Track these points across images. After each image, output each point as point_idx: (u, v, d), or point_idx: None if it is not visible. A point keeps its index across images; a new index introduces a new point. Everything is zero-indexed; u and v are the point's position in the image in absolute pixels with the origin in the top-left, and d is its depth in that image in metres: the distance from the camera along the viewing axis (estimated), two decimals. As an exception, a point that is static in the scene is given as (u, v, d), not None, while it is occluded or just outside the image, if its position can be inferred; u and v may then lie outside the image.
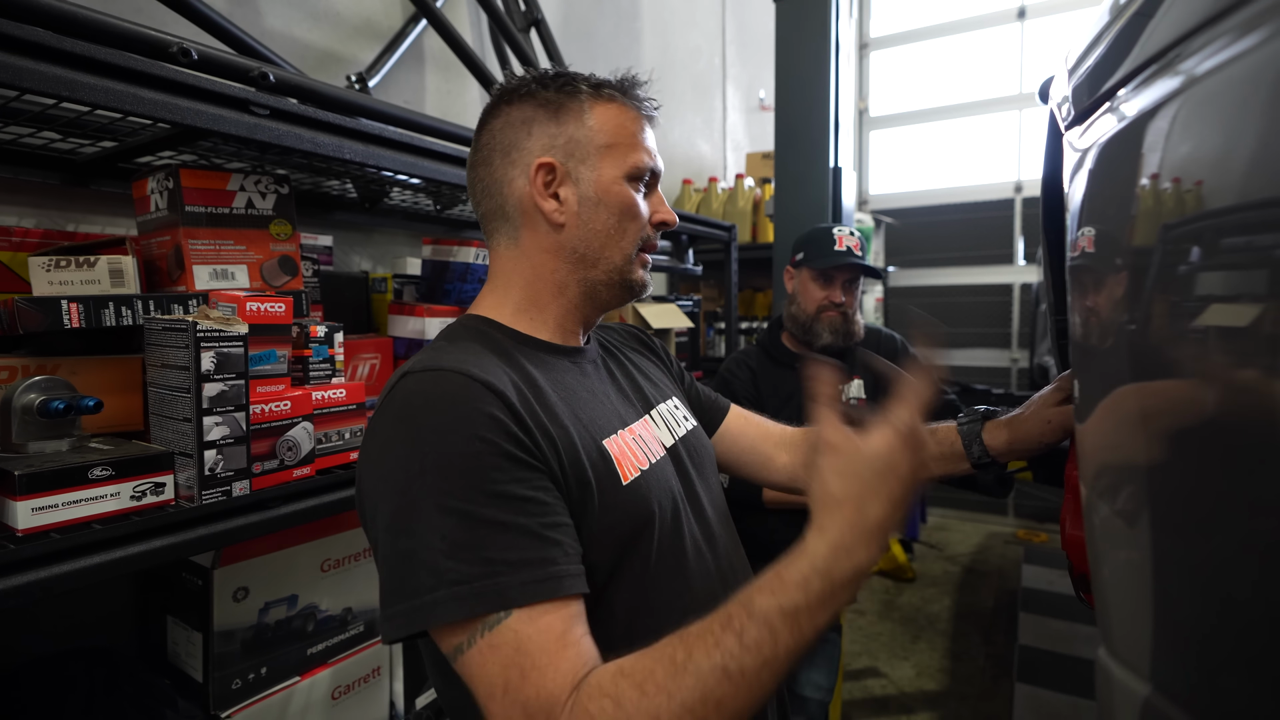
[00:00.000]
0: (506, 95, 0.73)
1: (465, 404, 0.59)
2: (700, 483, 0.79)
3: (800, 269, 1.68)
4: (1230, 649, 0.34)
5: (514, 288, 0.74)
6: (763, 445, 0.97)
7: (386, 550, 0.58)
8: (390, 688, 1.21)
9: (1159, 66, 0.44)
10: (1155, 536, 0.39)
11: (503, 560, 0.55)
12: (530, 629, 0.54)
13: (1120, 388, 0.43)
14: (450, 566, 0.54)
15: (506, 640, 0.54)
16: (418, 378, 0.62)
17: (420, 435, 0.58)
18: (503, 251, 0.75)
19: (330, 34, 1.63)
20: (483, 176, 0.74)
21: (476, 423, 0.58)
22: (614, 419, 0.73)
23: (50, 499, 0.74)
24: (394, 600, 0.57)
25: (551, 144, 0.71)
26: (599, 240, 0.72)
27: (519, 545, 0.56)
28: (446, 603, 0.54)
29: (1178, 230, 0.40)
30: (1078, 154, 0.57)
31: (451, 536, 0.55)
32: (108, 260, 0.90)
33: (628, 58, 2.82)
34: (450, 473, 0.56)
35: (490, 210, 0.74)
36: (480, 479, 0.57)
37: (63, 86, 0.72)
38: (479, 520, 0.56)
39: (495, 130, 0.73)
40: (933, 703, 2.46)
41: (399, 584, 0.57)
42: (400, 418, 0.60)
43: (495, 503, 0.56)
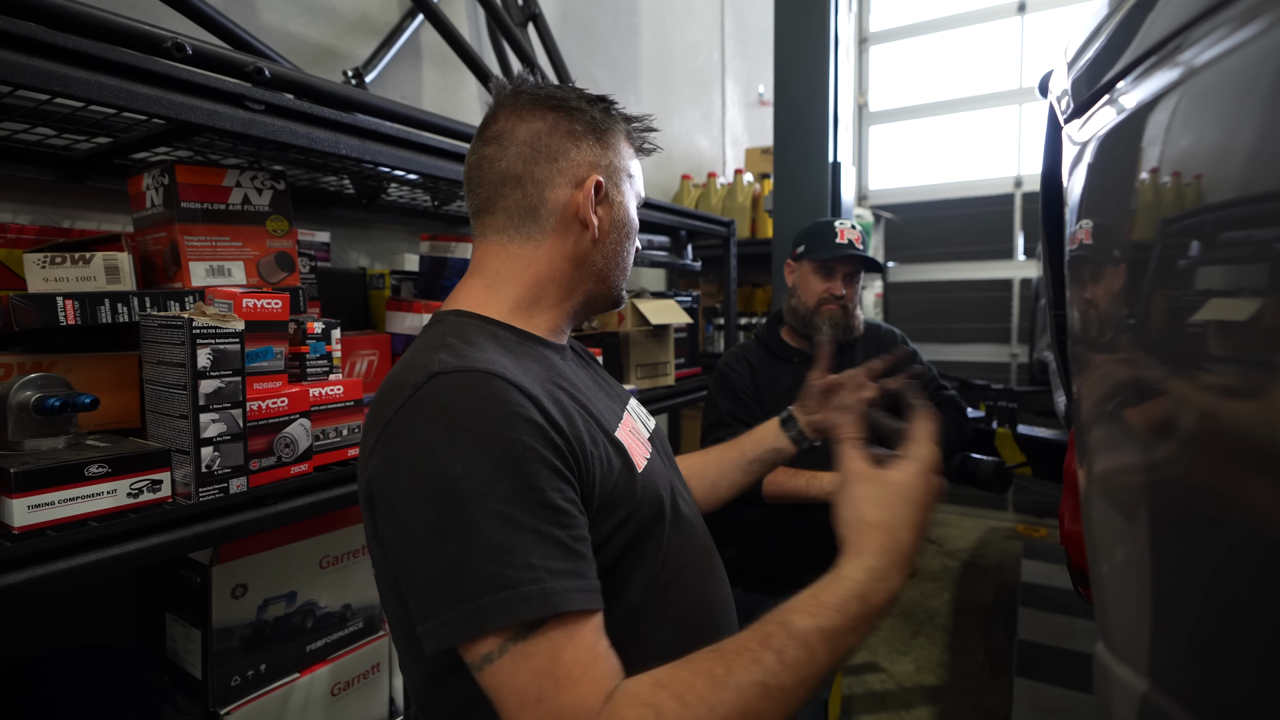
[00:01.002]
0: (552, 102, 0.74)
1: (506, 407, 0.59)
2: (675, 475, 0.83)
3: (801, 262, 1.67)
4: (1227, 645, 0.34)
5: (514, 285, 0.74)
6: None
7: (429, 555, 0.56)
8: (389, 684, 1.21)
9: (1158, 59, 0.44)
10: (1153, 533, 0.39)
11: (545, 568, 0.55)
12: (565, 639, 0.54)
13: (1120, 381, 0.43)
14: (498, 572, 0.54)
15: (541, 649, 0.53)
16: (452, 379, 0.60)
17: (462, 439, 0.57)
18: (511, 248, 0.74)
19: (326, 29, 1.62)
20: (515, 170, 0.73)
21: (518, 427, 0.58)
22: (611, 415, 0.75)
23: (47, 496, 0.73)
24: (445, 606, 0.55)
25: (598, 163, 0.75)
26: (614, 261, 0.78)
27: (557, 555, 0.56)
28: (495, 608, 0.53)
29: (1177, 224, 0.39)
30: (1077, 147, 0.56)
31: (499, 542, 0.54)
32: (103, 257, 0.90)
33: (626, 52, 2.81)
34: (496, 478, 0.56)
35: (512, 205, 0.73)
36: (525, 485, 0.56)
37: (56, 82, 0.72)
38: (524, 527, 0.55)
39: (541, 132, 0.73)
40: (932, 697, 2.46)
41: (449, 589, 0.55)
42: (437, 419, 0.58)
43: (538, 511, 0.56)
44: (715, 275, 2.95)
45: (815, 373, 1.03)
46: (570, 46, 2.37)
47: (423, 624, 0.56)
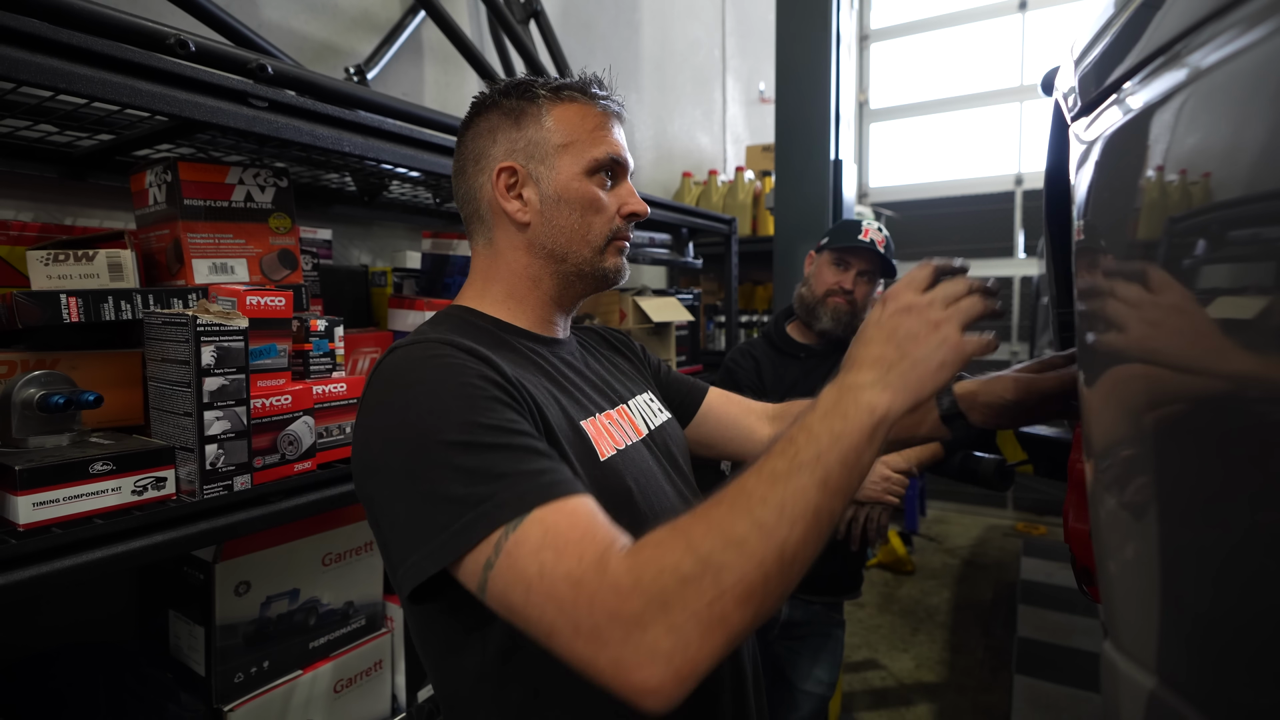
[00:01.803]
0: (476, 108, 0.78)
1: (454, 361, 0.62)
2: (674, 469, 0.82)
3: (821, 253, 1.68)
4: (1237, 642, 0.34)
5: (493, 283, 0.78)
6: (745, 419, 0.99)
7: (404, 499, 0.57)
8: (392, 681, 1.21)
9: (1166, 58, 0.44)
10: (1162, 529, 0.39)
11: (515, 473, 0.55)
12: (556, 517, 0.53)
13: (1128, 379, 0.43)
14: (469, 492, 0.54)
15: (532, 534, 0.52)
16: (405, 350, 0.65)
17: (414, 391, 0.60)
18: (480, 251, 0.79)
19: (328, 26, 1.62)
20: (459, 185, 0.79)
21: (467, 373, 0.61)
22: (590, 404, 0.76)
23: (51, 494, 0.73)
24: (425, 538, 0.55)
25: (512, 148, 0.75)
26: (564, 236, 0.75)
27: (526, 459, 0.57)
28: (475, 522, 0.53)
29: (1184, 222, 0.39)
30: (1084, 146, 0.56)
31: (463, 466, 0.55)
32: (106, 254, 0.90)
33: (627, 49, 2.81)
34: (448, 414, 0.58)
35: (468, 215, 0.80)
36: (477, 414, 0.58)
37: (59, 79, 0.72)
38: (484, 446, 0.56)
39: (467, 141, 0.78)
40: (932, 694, 2.47)
41: (424, 525, 0.56)
42: (391, 381, 0.63)
43: (495, 432, 0.58)
44: (716, 273, 2.95)
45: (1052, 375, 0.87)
46: (571, 43, 2.36)
47: (402, 565, 0.57)
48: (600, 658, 0.48)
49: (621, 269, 0.79)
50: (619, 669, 0.47)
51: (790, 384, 1.70)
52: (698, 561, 0.48)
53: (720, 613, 0.47)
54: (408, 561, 0.56)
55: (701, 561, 0.48)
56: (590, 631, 0.48)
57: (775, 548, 0.49)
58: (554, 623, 0.49)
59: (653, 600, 0.47)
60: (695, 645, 0.47)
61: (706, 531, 0.50)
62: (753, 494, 0.51)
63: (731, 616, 0.48)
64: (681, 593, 0.47)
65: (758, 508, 0.50)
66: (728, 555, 0.48)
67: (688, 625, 0.47)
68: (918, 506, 4.12)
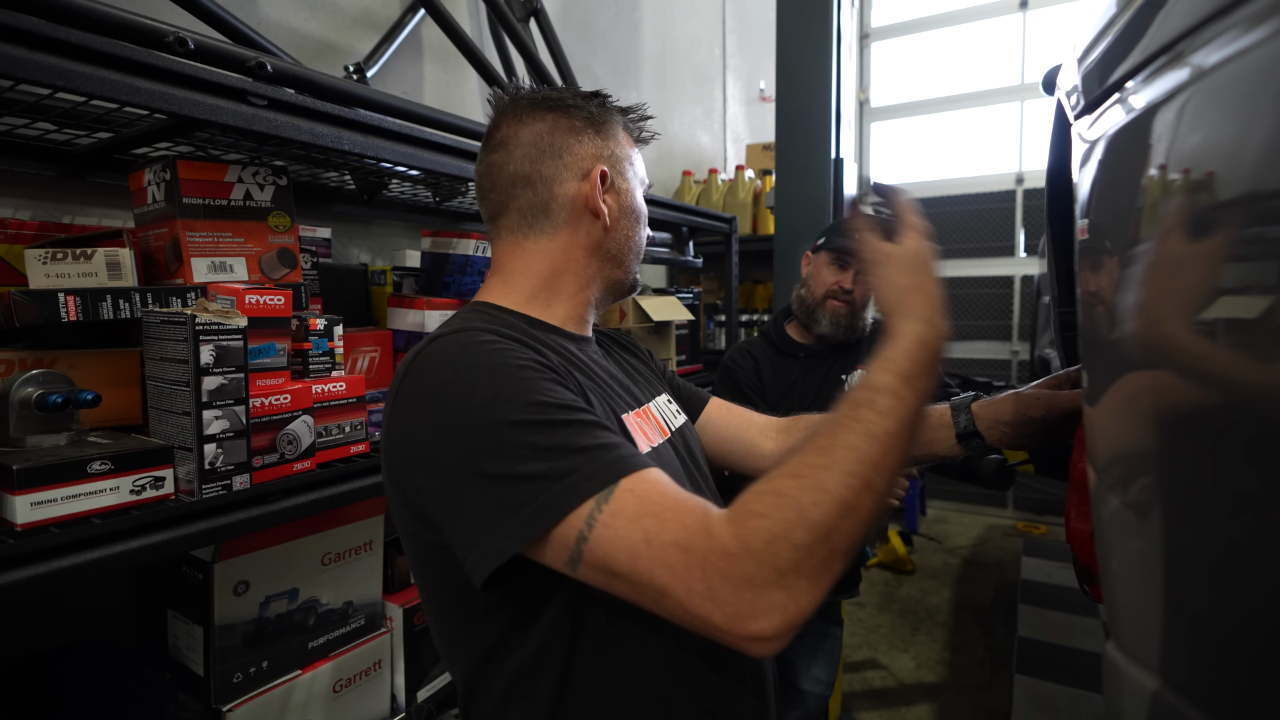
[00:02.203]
0: (550, 103, 0.78)
1: (501, 346, 0.63)
2: (697, 471, 0.82)
3: (819, 253, 1.67)
4: (1241, 643, 0.34)
5: (530, 278, 0.77)
6: (746, 432, 0.99)
7: (470, 487, 0.57)
8: (392, 680, 1.21)
9: (1169, 58, 0.44)
10: (1166, 530, 0.39)
11: (594, 445, 0.57)
12: (645, 486, 0.56)
13: (1132, 378, 0.43)
14: (549, 468, 0.55)
15: (627, 503, 0.54)
16: (449, 339, 0.64)
17: (467, 376, 0.60)
18: (526, 244, 0.77)
19: (328, 23, 1.62)
20: (523, 171, 0.76)
21: (518, 355, 0.62)
22: (624, 401, 0.76)
23: (49, 493, 0.73)
24: (497, 522, 0.56)
25: (599, 154, 0.78)
26: (627, 244, 0.80)
27: (598, 433, 0.59)
28: (562, 495, 0.54)
29: (1189, 222, 0.39)
30: (1087, 145, 0.56)
31: (538, 444, 0.56)
32: (105, 252, 0.89)
33: (627, 48, 2.80)
34: (509, 394, 0.58)
35: (524, 204, 0.77)
36: (539, 393, 0.59)
37: (57, 76, 0.71)
38: (556, 423, 0.57)
39: (543, 132, 0.76)
40: (932, 694, 2.47)
41: (497, 506, 0.56)
42: (438, 368, 0.62)
43: (562, 409, 0.59)
44: (716, 272, 2.94)
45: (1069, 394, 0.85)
46: (571, 42, 2.36)
47: (476, 549, 0.57)
48: (715, 614, 0.51)
49: (639, 279, 0.86)
50: (735, 622, 0.51)
51: (789, 384, 1.69)
52: (811, 531, 0.52)
53: (829, 566, 0.52)
54: (483, 544, 0.56)
55: (814, 530, 0.52)
56: (704, 592, 0.51)
57: (875, 497, 0.55)
58: (666, 584, 0.52)
59: (764, 564, 0.51)
60: (806, 596, 0.52)
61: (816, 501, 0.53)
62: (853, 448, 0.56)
63: (835, 567, 0.53)
64: (794, 557, 0.51)
65: (857, 465, 0.55)
66: (838, 519, 0.53)
67: (799, 583, 0.51)
68: (918, 506, 4.12)
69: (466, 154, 1.23)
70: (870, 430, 0.56)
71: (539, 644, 0.64)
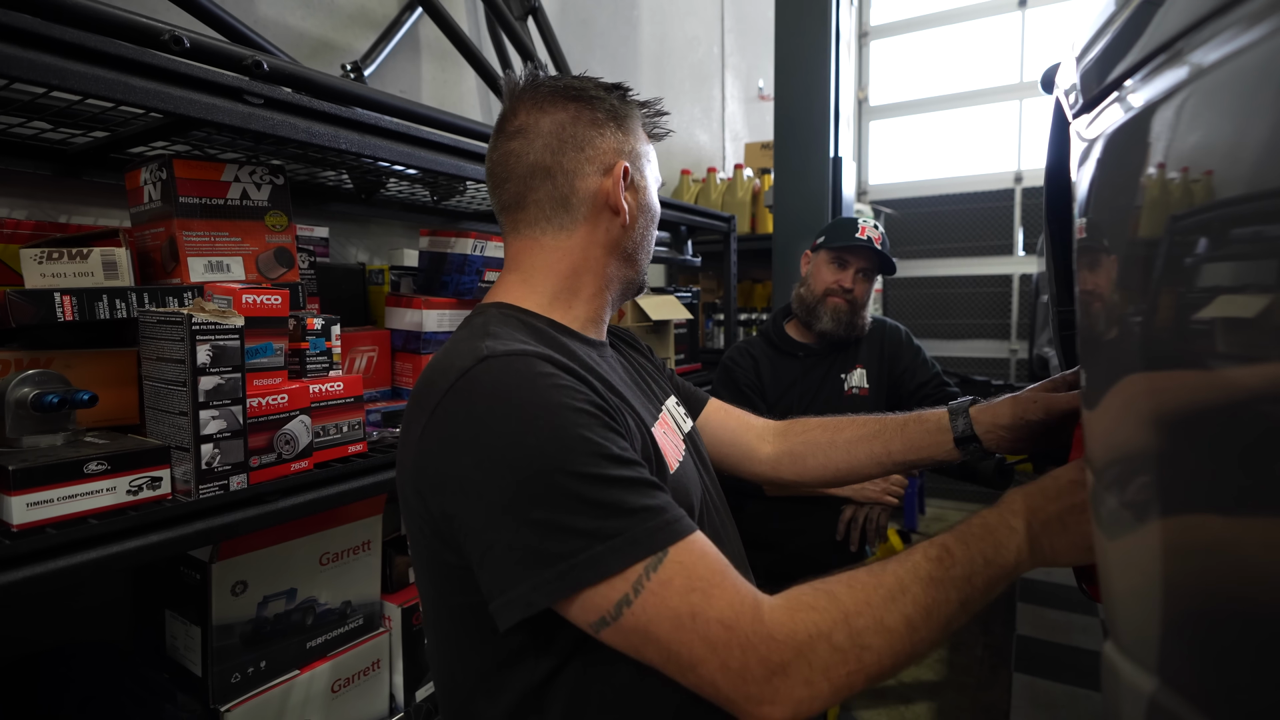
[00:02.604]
0: (571, 92, 0.74)
1: (563, 383, 0.60)
2: (709, 477, 0.81)
3: (818, 252, 1.67)
4: (1240, 644, 0.33)
5: (551, 277, 0.74)
6: (744, 436, 0.98)
7: (506, 527, 0.55)
8: (390, 680, 1.21)
9: (1168, 56, 0.43)
10: (1164, 529, 0.38)
11: (644, 509, 0.56)
12: (692, 559, 0.56)
13: (1130, 377, 0.42)
14: (597, 526, 0.55)
15: (675, 574, 0.55)
16: (501, 360, 0.60)
17: (524, 412, 0.57)
18: (545, 240, 0.74)
19: (325, 22, 1.61)
20: (544, 162, 0.73)
21: (578, 396, 0.60)
22: (647, 412, 0.74)
23: (45, 494, 0.73)
24: (531, 572, 0.54)
25: (622, 150, 0.75)
26: (643, 243, 0.78)
27: (649, 494, 0.58)
28: (605, 556, 0.54)
29: (1186, 220, 0.39)
30: (1085, 143, 0.56)
31: (590, 498, 0.55)
32: (101, 252, 0.89)
33: (625, 46, 2.80)
34: (569, 442, 0.56)
35: (543, 197, 0.73)
36: (598, 444, 0.57)
37: (52, 75, 0.71)
38: (611, 480, 0.56)
39: (565, 122, 0.73)
40: (931, 692, 2.47)
41: (534, 555, 0.55)
42: (495, 397, 0.59)
43: (617, 464, 0.58)
44: (715, 271, 2.94)
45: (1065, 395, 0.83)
46: (569, 40, 2.36)
47: (504, 594, 0.56)
48: (738, 692, 0.54)
49: None
50: (751, 703, 0.54)
51: (789, 383, 1.69)
52: (850, 637, 0.55)
53: (850, 683, 0.55)
54: (511, 592, 0.55)
55: (853, 638, 0.55)
56: (739, 670, 0.53)
57: (911, 645, 0.56)
58: (702, 658, 0.54)
59: (801, 657, 0.54)
60: (821, 700, 0.54)
61: (861, 611, 0.56)
62: (908, 591, 0.58)
63: (856, 686, 0.55)
64: (828, 659, 0.54)
65: (910, 606, 0.57)
66: (876, 640, 0.55)
67: (822, 684, 0.54)
68: (917, 505, 4.12)
69: (464, 153, 1.23)
70: (919, 572, 0.58)
71: (550, 670, 0.62)
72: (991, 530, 0.62)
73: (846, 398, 1.68)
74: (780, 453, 0.96)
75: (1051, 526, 0.62)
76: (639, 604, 0.54)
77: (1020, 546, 0.61)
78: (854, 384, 1.69)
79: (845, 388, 1.69)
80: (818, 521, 1.61)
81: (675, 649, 0.54)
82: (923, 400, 1.68)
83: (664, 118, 0.82)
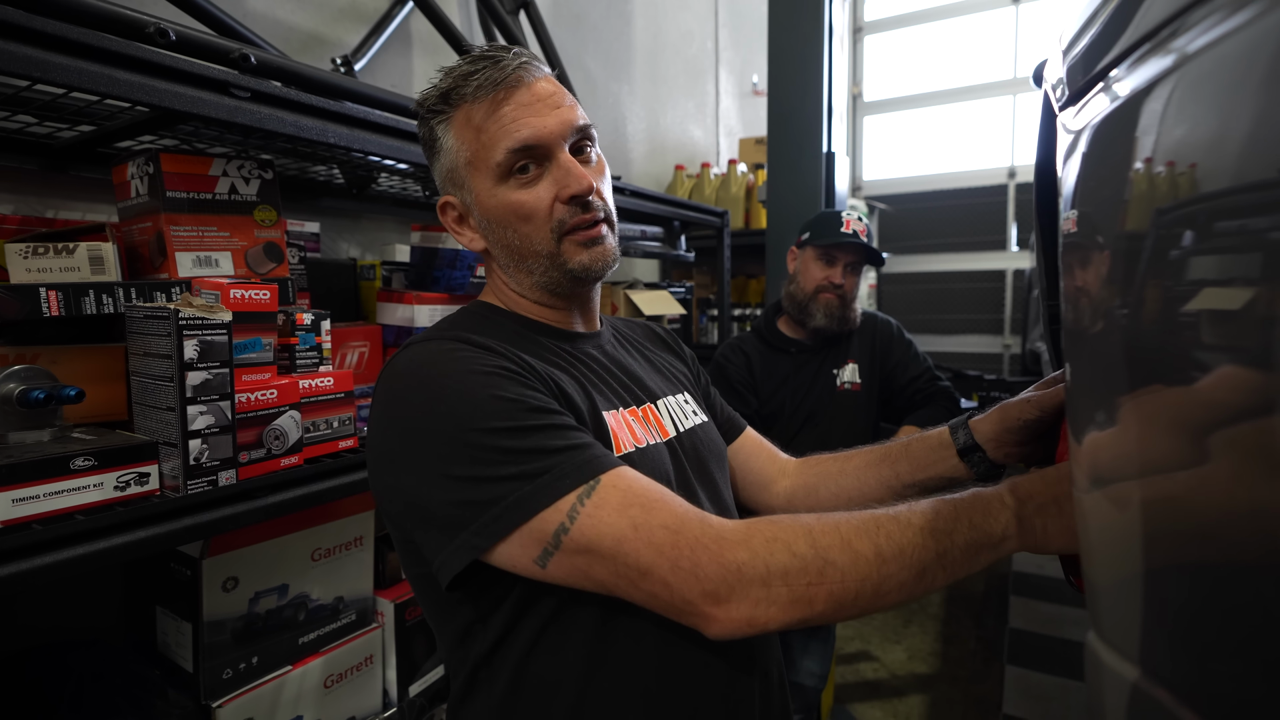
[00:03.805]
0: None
1: (470, 353, 0.62)
2: (698, 477, 0.76)
3: (804, 249, 1.67)
4: (1219, 634, 0.34)
5: (491, 275, 0.78)
6: (767, 470, 0.95)
7: (440, 488, 0.57)
8: (383, 676, 1.21)
9: (1154, 44, 0.43)
10: (1145, 521, 0.39)
11: (568, 446, 0.57)
12: (626, 482, 0.57)
13: (1112, 371, 0.43)
14: (520, 469, 0.56)
15: (610, 496, 0.55)
16: (419, 347, 0.64)
17: (434, 384, 0.60)
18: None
19: (315, 16, 1.60)
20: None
21: (487, 363, 0.61)
22: (614, 398, 0.73)
23: (32, 490, 0.72)
24: (467, 522, 0.56)
25: (442, 181, 0.73)
26: (515, 252, 0.70)
27: (572, 434, 0.59)
28: (535, 494, 0.55)
29: (1170, 213, 0.39)
30: (1071, 136, 0.56)
31: (508, 447, 0.56)
32: (87, 247, 0.88)
33: (619, 41, 2.79)
34: (477, 402, 0.58)
35: None
36: (510, 400, 0.59)
37: (35, 68, 0.70)
38: (528, 428, 0.57)
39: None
40: (924, 685, 2.48)
41: (468, 508, 0.56)
42: (409, 374, 0.62)
43: (534, 413, 0.59)
44: (709, 266, 2.94)
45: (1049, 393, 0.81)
46: (563, 35, 2.35)
47: (442, 550, 0.58)
48: (692, 590, 0.53)
49: (593, 262, 0.70)
50: (707, 600, 0.53)
51: (781, 379, 1.69)
52: (812, 548, 0.54)
53: (808, 596, 0.54)
54: (449, 547, 0.57)
55: (815, 550, 0.54)
56: (690, 568, 0.53)
57: (880, 576, 0.55)
58: (651, 563, 0.54)
59: (758, 557, 0.53)
60: (776, 610, 0.53)
61: (828, 533, 0.56)
62: (883, 527, 0.57)
63: (816, 604, 0.54)
64: (787, 564, 0.53)
65: (883, 539, 0.56)
66: (841, 557, 0.55)
67: (780, 589, 0.53)
68: (910, 499, 4.13)
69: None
70: (898, 517, 0.58)
71: (497, 636, 0.64)
72: (984, 500, 0.61)
73: (839, 393, 1.68)
74: (795, 487, 0.93)
75: (1047, 509, 0.61)
76: (576, 528, 0.54)
77: (1010, 521, 0.60)
78: (846, 379, 1.69)
79: (837, 383, 1.69)
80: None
81: (621, 561, 0.54)
82: (915, 395, 1.69)
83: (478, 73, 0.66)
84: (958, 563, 0.58)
